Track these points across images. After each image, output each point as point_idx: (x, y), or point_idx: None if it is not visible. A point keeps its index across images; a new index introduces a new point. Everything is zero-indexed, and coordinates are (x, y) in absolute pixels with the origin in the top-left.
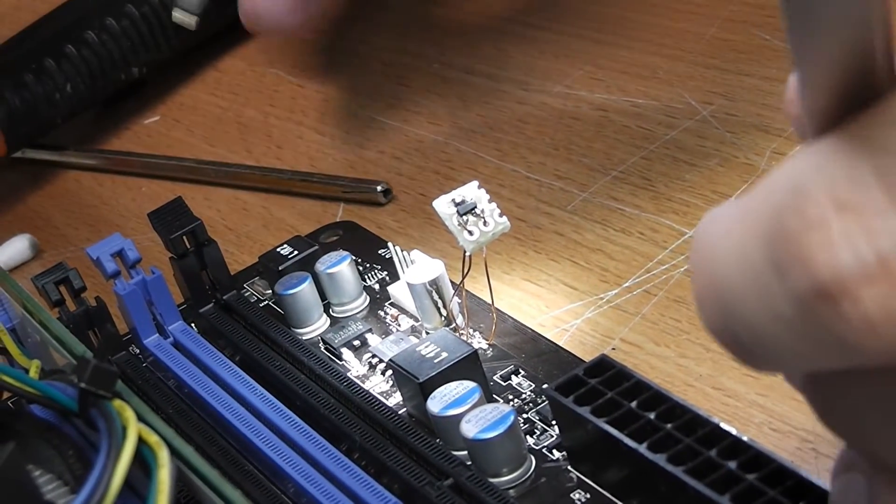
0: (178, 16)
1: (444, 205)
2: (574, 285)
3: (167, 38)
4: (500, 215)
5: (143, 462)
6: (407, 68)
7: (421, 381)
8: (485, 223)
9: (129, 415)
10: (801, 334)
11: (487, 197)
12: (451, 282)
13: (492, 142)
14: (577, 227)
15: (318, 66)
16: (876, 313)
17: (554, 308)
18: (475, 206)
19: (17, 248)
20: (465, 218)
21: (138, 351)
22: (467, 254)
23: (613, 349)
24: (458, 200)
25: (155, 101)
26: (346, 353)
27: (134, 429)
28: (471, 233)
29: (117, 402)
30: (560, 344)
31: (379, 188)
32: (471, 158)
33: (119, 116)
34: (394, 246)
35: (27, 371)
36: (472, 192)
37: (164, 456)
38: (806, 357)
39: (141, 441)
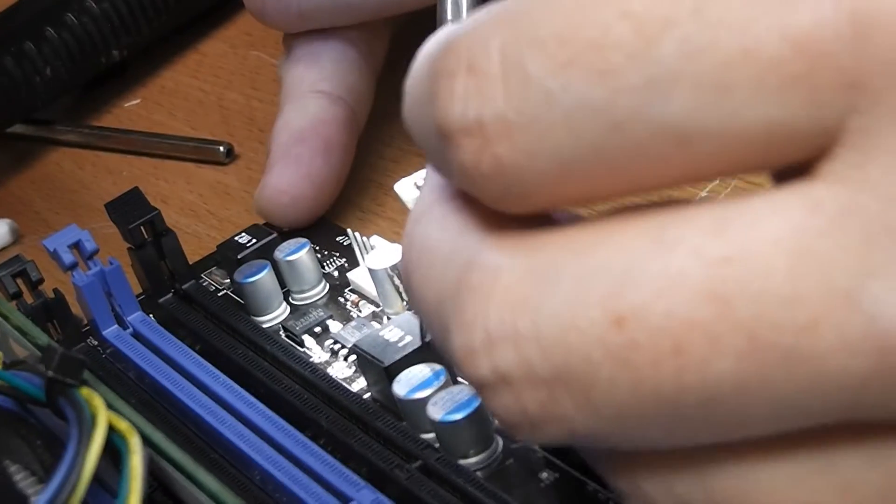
0: None
1: (406, 188)
2: None
3: (148, 21)
4: None
5: (113, 451)
6: (394, 53)
7: (386, 364)
8: None
9: (98, 402)
10: (437, 158)
11: None
12: None
13: None
14: None
15: None
16: (469, 160)
17: None
18: None
19: None
20: None
21: (97, 343)
22: None
23: None
24: (419, 184)
25: (136, 84)
26: (308, 340)
27: (104, 416)
28: None
29: (85, 391)
30: None
31: (221, 148)
32: None
33: (100, 100)
34: (353, 232)
35: None
36: None
37: (135, 442)
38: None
39: (111, 428)
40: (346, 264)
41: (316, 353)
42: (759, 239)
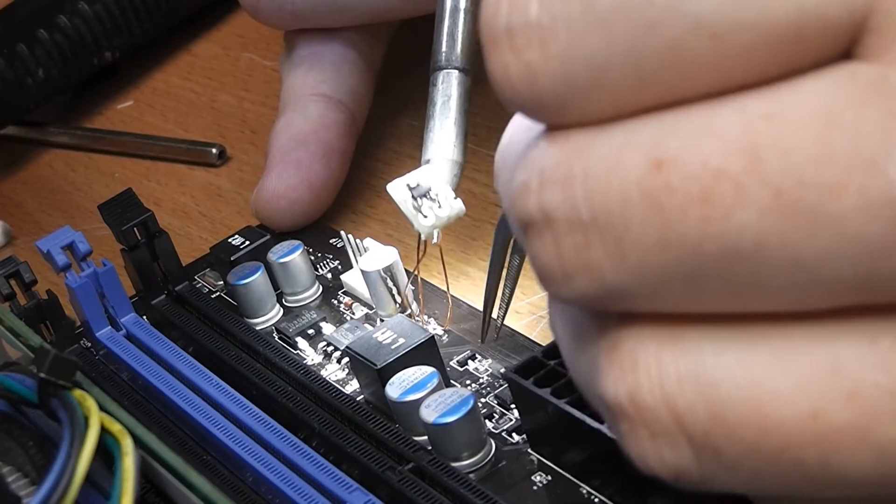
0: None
1: (398, 189)
2: None
3: (140, 23)
4: (455, 198)
5: (106, 453)
6: (390, 55)
7: (379, 367)
8: (440, 207)
9: (91, 404)
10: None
11: (443, 180)
12: (406, 269)
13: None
14: None
15: None
16: (497, 70)
17: (530, 294)
18: (430, 190)
19: None
20: (419, 202)
21: (90, 344)
22: (423, 238)
23: None
24: (412, 184)
25: (128, 85)
26: (301, 342)
27: (96, 417)
28: (426, 217)
29: (78, 392)
30: (535, 331)
31: (213, 150)
32: None
33: (92, 101)
34: (346, 234)
35: None
36: (426, 175)
37: (128, 444)
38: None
39: (104, 430)
40: (340, 266)
41: (309, 355)
42: (796, 100)
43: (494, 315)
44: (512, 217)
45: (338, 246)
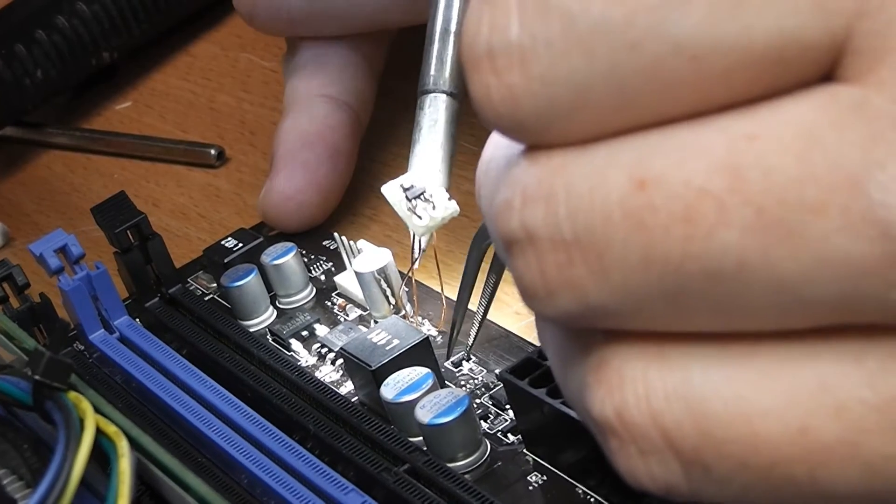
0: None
1: (392, 190)
2: None
3: (138, 23)
4: (449, 199)
5: (101, 455)
6: (389, 59)
7: (373, 368)
8: (434, 208)
9: (86, 406)
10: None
11: (437, 181)
12: (399, 271)
13: (466, 127)
14: None
15: None
16: (479, 93)
17: None
18: (424, 191)
19: None
20: (414, 203)
21: (83, 347)
22: (417, 239)
23: None
24: (406, 185)
25: (127, 86)
26: (295, 344)
27: (92, 420)
28: (420, 217)
29: (73, 394)
30: (534, 332)
31: (212, 151)
32: None
33: (90, 102)
34: (339, 236)
35: None
36: (420, 176)
37: (123, 446)
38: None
39: (99, 432)
40: (333, 268)
41: (303, 356)
42: (778, 121)
43: (475, 326)
44: (494, 235)
45: (331, 248)
